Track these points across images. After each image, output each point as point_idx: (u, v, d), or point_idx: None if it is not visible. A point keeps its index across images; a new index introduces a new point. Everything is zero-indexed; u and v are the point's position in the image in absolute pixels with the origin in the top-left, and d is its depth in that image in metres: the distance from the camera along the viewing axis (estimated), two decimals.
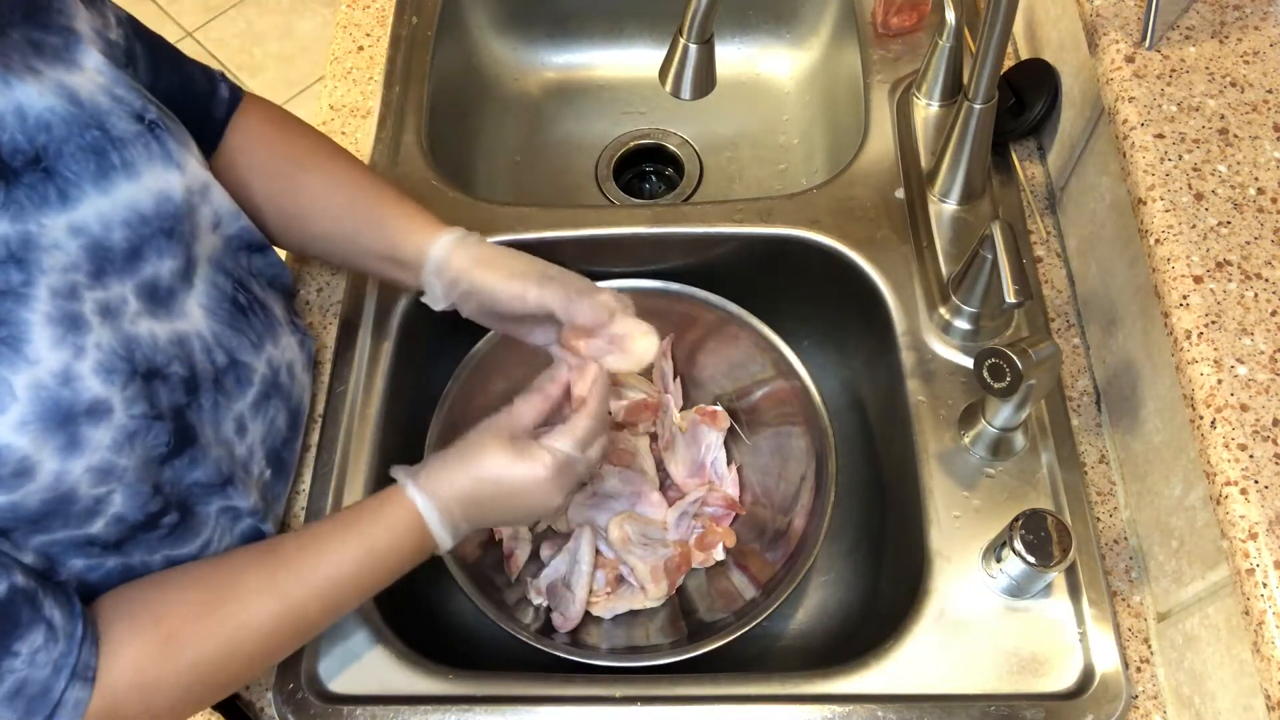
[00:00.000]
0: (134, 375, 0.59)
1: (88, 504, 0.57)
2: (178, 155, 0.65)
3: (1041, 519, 0.69)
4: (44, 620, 0.56)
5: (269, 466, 0.76)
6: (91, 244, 0.59)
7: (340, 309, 0.90)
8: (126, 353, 0.59)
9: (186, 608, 0.63)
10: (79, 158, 0.59)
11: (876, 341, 0.89)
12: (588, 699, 0.72)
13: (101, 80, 0.62)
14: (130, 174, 0.61)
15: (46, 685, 0.55)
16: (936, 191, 0.89)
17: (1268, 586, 0.54)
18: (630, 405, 0.96)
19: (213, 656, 0.62)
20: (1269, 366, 0.60)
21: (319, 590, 0.66)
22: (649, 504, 0.91)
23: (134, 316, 0.61)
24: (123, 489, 0.59)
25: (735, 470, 0.94)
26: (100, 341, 0.57)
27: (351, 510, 0.69)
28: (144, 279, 0.62)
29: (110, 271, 0.60)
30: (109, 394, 0.57)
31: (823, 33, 1.18)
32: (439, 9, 1.09)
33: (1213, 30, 0.73)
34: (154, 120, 0.64)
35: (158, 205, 0.63)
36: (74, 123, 0.59)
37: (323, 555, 0.66)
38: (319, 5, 2.46)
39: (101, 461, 0.57)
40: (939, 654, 0.72)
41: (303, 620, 0.66)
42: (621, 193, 1.17)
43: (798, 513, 0.85)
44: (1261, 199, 0.66)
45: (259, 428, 0.74)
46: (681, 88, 0.74)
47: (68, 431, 0.55)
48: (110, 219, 0.60)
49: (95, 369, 0.56)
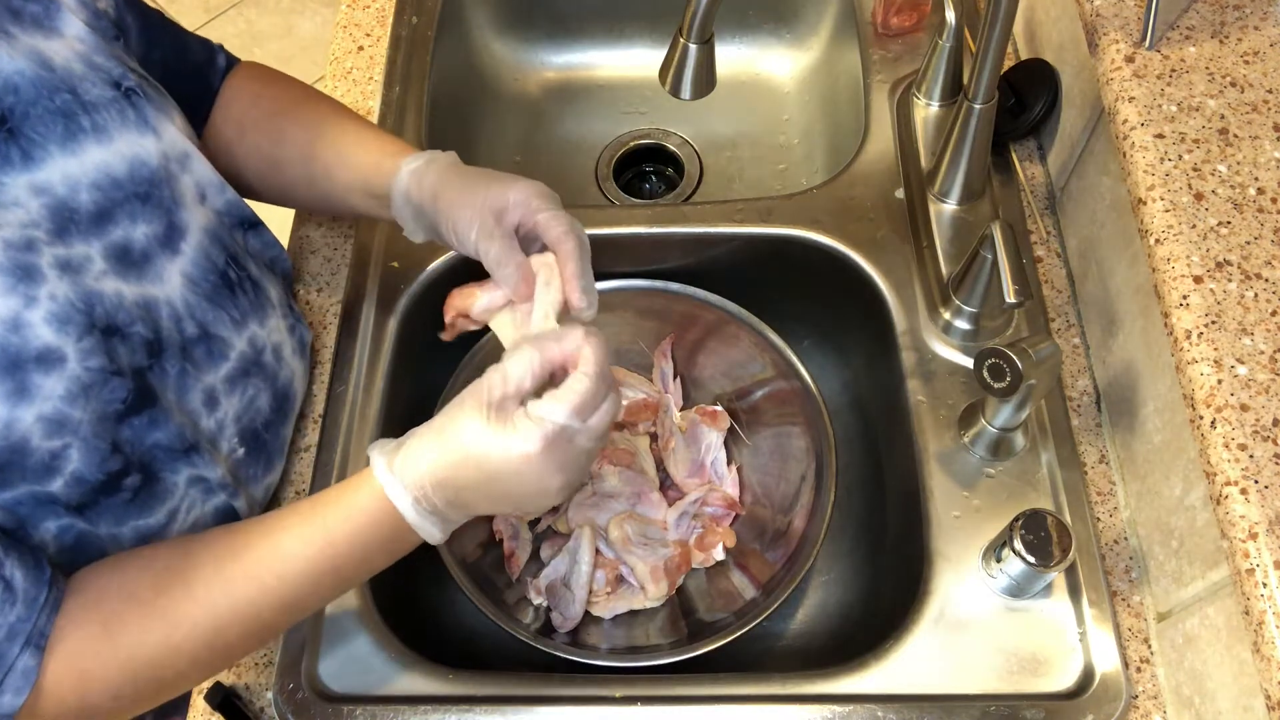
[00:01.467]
0: (91, 329, 0.59)
1: (43, 457, 0.57)
2: (154, 122, 0.66)
3: (1041, 519, 0.69)
4: (1, 580, 0.55)
5: (242, 445, 0.73)
6: (56, 203, 0.59)
7: (340, 307, 0.90)
8: (85, 307, 0.59)
9: (129, 592, 0.59)
10: (45, 120, 0.59)
11: (876, 341, 0.89)
12: (588, 699, 0.72)
13: (80, 48, 0.63)
14: (101, 138, 0.62)
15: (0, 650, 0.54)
16: (936, 191, 0.89)
17: (1268, 586, 0.54)
18: (630, 405, 0.96)
19: (153, 650, 0.58)
20: (1269, 366, 0.60)
21: (270, 588, 0.60)
22: (649, 504, 0.91)
23: (99, 275, 0.61)
24: (79, 443, 0.58)
25: (735, 470, 0.94)
26: (55, 293, 0.57)
27: (319, 495, 0.62)
28: (113, 240, 0.62)
29: (74, 231, 0.60)
30: (61, 344, 0.57)
31: (823, 33, 1.18)
32: (439, 9, 1.09)
33: (1213, 30, 0.73)
34: (131, 87, 0.65)
35: (131, 170, 0.63)
36: (43, 86, 0.60)
37: (278, 546, 0.60)
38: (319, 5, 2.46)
39: (54, 411, 0.57)
40: (939, 654, 0.72)
41: (253, 617, 0.60)
42: (621, 193, 1.17)
43: (798, 513, 0.85)
44: (1261, 199, 0.66)
45: (234, 403, 0.72)
46: (681, 88, 0.74)
47: (15, 378, 0.55)
48: (78, 181, 0.60)
49: (47, 318, 0.56)
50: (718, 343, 0.93)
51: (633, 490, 0.91)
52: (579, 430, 0.58)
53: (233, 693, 0.72)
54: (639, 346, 0.98)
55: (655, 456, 0.95)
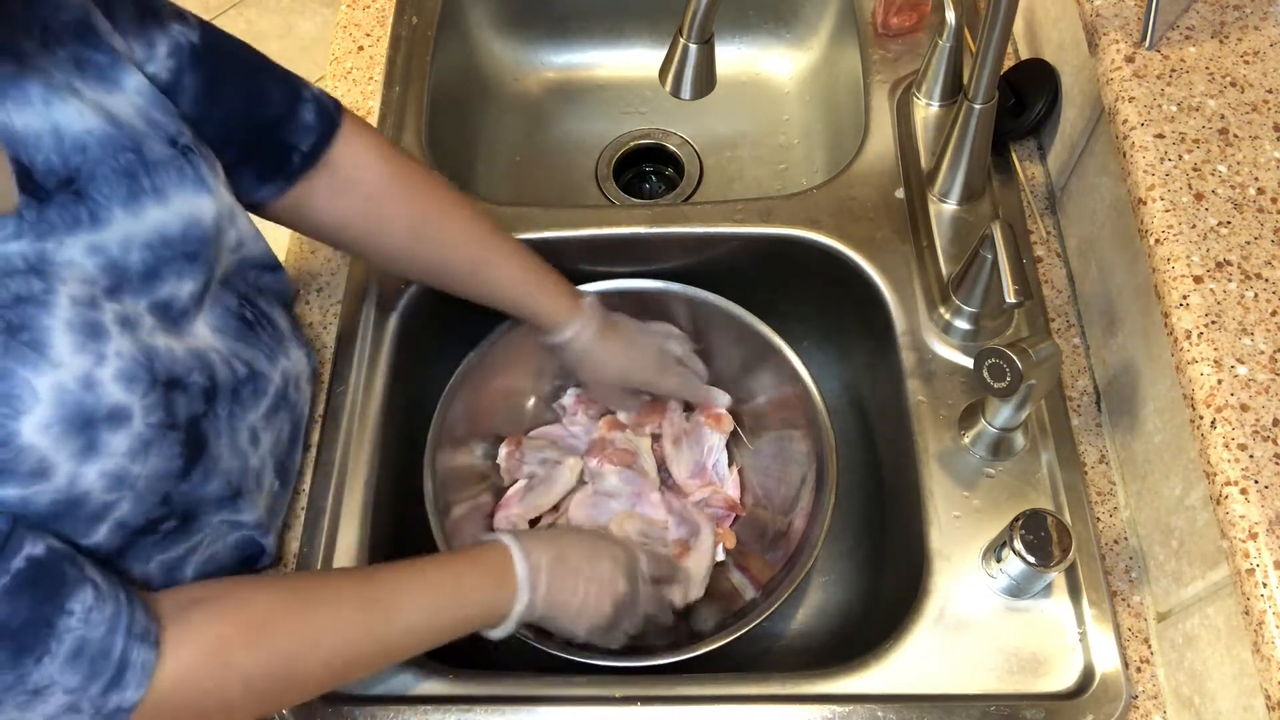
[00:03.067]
0: (155, 384, 0.59)
1: (95, 509, 0.57)
2: (209, 180, 0.65)
3: (1041, 519, 0.69)
4: (89, 580, 0.55)
5: (278, 479, 0.76)
6: (108, 263, 0.58)
7: (340, 309, 0.90)
8: (147, 361, 0.59)
9: (277, 602, 0.63)
10: (111, 180, 0.59)
11: (876, 341, 0.89)
12: (588, 699, 0.72)
13: (139, 102, 0.62)
14: (160, 198, 0.61)
15: (106, 645, 0.55)
16: (936, 191, 0.89)
17: (1268, 586, 0.54)
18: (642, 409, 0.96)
19: (297, 652, 0.62)
20: (1269, 366, 0.60)
21: (407, 614, 0.67)
22: (649, 504, 0.91)
23: (150, 330, 0.61)
24: (132, 496, 0.59)
25: (737, 472, 0.94)
26: (120, 350, 0.57)
27: (444, 554, 0.74)
28: (159, 298, 0.62)
29: (126, 289, 0.60)
30: (129, 401, 0.57)
31: (823, 33, 1.18)
32: (439, 9, 1.09)
33: (1213, 30, 0.73)
34: (188, 145, 0.64)
35: (185, 230, 0.63)
36: (109, 145, 0.59)
37: (416, 580, 0.68)
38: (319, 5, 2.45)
39: (117, 468, 0.57)
40: (939, 654, 0.72)
41: (384, 641, 0.66)
42: (621, 193, 1.17)
43: (798, 514, 0.85)
44: (1261, 199, 0.66)
45: (269, 439, 0.74)
46: (681, 88, 0.74)
47: (87, 435, 0.55)
48: (132, 240, 0.60)
49: (116, 376, 0.56)
50: (721, 345, 0.93)
51: (633, 490, 0.91)
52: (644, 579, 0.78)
53: None
54: None
55: (657, 457, 0.95)
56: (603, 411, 0.97)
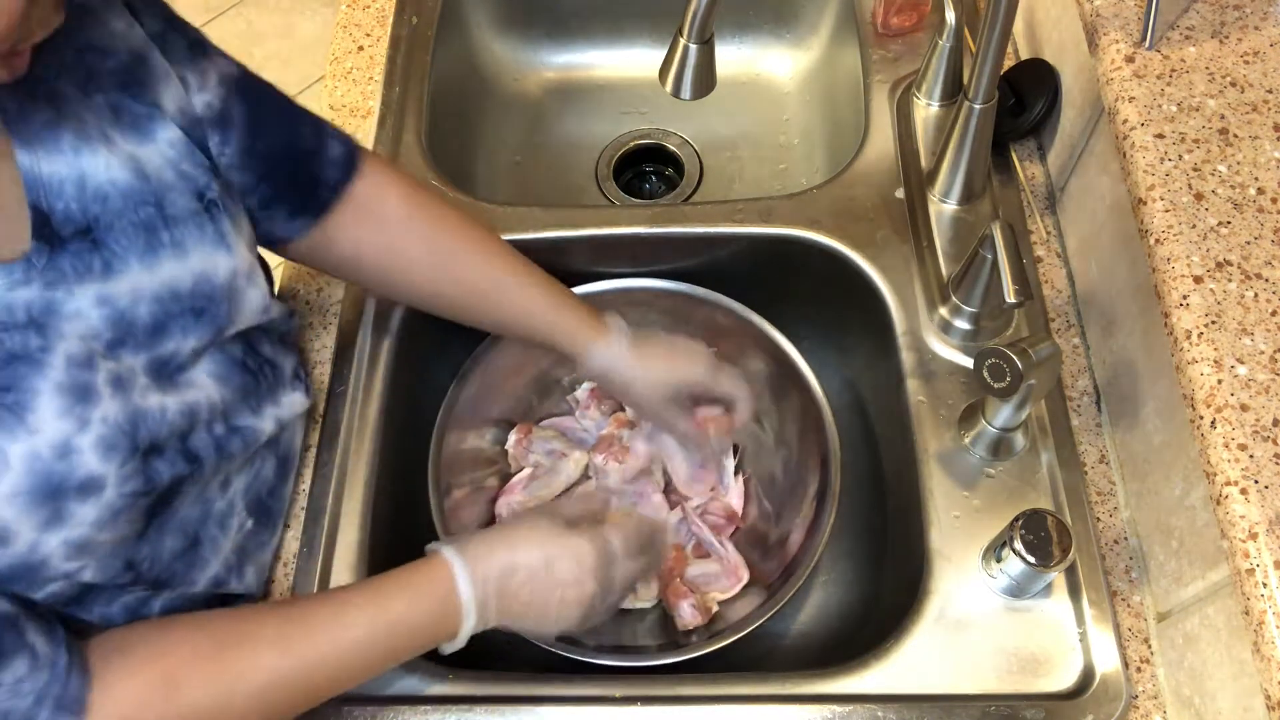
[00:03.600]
0: (134, 451, 0.58)
1: (55, 574, 0.56)
2: (230, 238, 0.64)
3: (1041, 519, 0.69)
4: (26, 647, 0.54)
5: (250, 516, 0.74)
6: (115, 315, 0.58)
7: (340, 309, 0.90)
8: (131, 427, 0.58)
9: (189, 650, 0.60)
10: (129, 233, 0.58)
11: (876, 341, 0.89)
12: (588, 699, 0.72)
13: (171, 154, 0.61)
14: (178, 253, 0.60)
15: (28, 716, 0.53)
16: (936, 191, 0.89)
17: (1268, 586, 0.54)
18: None
19: (213, 705, 0.59)
20: (1269, 366, 0.60)
21: (328, 654, 0.63)
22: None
23: (143, 389, 0.60)
24: (95, 563, 0.58)
25: (742, 481, 0.94)
26: (107, 415, 0.56)
27: (378, 577, 0.67)
28: (160, 354, 0.61)
29: (129, 344, 0.59)
30: (105, 471, 0.56)
31: (823, 33, 1.18)
32: (439, 9, 1.09)
33: (1213, 30, 0.73)
34: (213, 200, 0.63)
35: (195, 285, 0.62)
36: (132, 197, 0.58)
37: (340, 617, 0.64)
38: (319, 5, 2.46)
39: (81, 537, 0.55)
40: (939, 654, 0.72)
41: (307, 683, 0.63)
42: (621, 193, 1.17)
43: (798, 524, 0.85)
44: (1261, 199, 0.66)
45: (243, 479, 0.72)
46: (681, 88, 0.74)
47: (54, 505, 0.53)
48: (141, 293, 0.59)
49: (95, 444, 0.55)
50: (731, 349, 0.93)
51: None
52: (619, 562, 0.71)
53: None
54: None
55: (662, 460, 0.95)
56: (614, 408, 0.97)
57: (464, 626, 0.66)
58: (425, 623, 0.65)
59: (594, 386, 0.98)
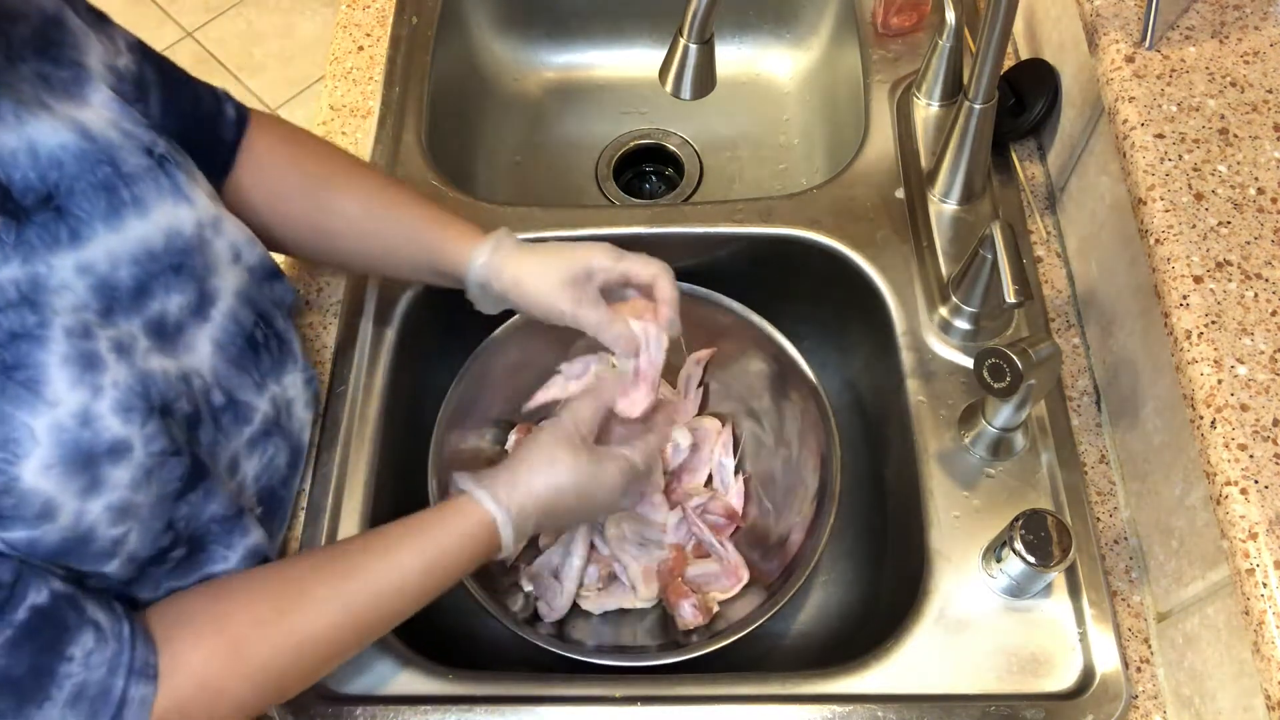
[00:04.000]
0: (151, 412, 0.59)
1: (105, 545, 0.57)
2: (188, 189, 0.64)
3: (1041, 519, 0.69)
4: (90, 622, 0.56)
5: (260, 504, 0.75)
6: (99, 283, 0.58)
7: (340, 308, 0.90)
8: (143, 389, 0.58)
9: (252, 615, 0.62)
10: (90, 195, 0.58)
11: (876, 341, 0.89)
12: (588, 699, 0.72)
13: (109, 115, 0.61)
14: (140, 210, 0.61)
15: (105, 685, 0.55)
16: (936, 191, 0.89)
17: (1268, 586, 0.54)
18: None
19: (279, 664, 0.62)
20: (1269, 366, 0.60)
21: (384, 597, 0.66)
22: (650, 505, 0.91)
23: (145, 353, 0.60)
24: (138, 526, 0.59)
25: (742, 480, 0.94)
26: (117, 379, 0.57)
27: (417, 519, 0.68)
28: (151, 316, 0.62)
29: (118, 310, 0.59)
30: (129, 433, 0.57)
31: (823, 33, 1.18)
32: (439, 9, 1.09)
33: (1213, 30, 0.73)
34: (163, 154, 0.64)
35: (167, 241, 0.62)
36: (86, 159, 0.58)
37: (389, 563, 0.66)
38: (319, 5, 2.46)
39: (120, 500, 0.56)
40: (939, 654, 0.72)
41: (366, 626, 0.66)
42: (621, 193, 1.17)
43: (797, 525, 0.85)
44: (1261, 199, 0.66)
45: (253, 464, 0.73)
46: (681, 88, 0.74)
47: (90, 473, 0.55)
48: (119, 256, 0.59)
49: (114, 408, 0.56)
50: (730, 348, 0.93)
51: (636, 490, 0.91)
52: (644, 473, 0.74)
53: None
54: None
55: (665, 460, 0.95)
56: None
57: (506, 553, 0.70)
58: (468, 559, 0.68)
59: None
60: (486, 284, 0.76)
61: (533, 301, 0.75)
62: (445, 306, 0.86)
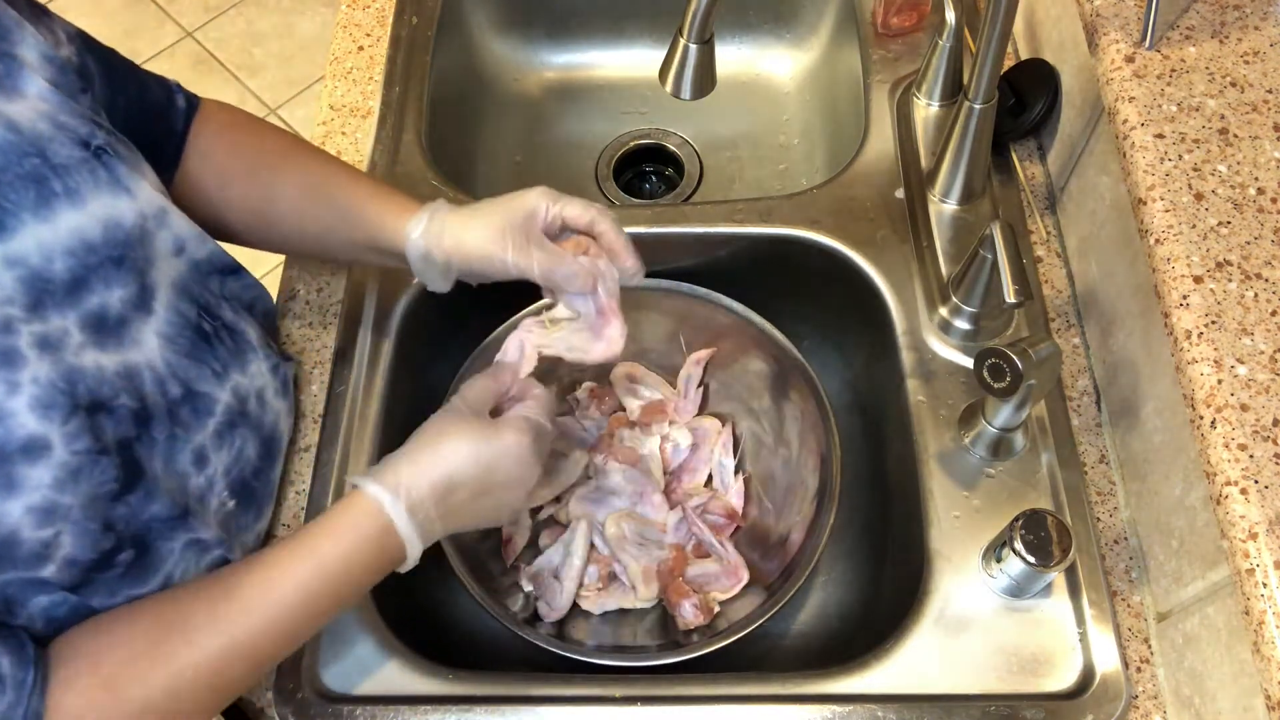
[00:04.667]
0: (75, 409, 0.57)
1: (34, 547, 0.55)
2: (128, 181, 0.63)
3: (1041, 519, 0.69)
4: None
5: (233, 497, 0.72)
6: (29, 275, 0.56)
7: (340, 309, 0.90)
8: (68, 386, 0.56)
9: (125, 651, 0.59)
10: (17, 186, 0.57)
11: (876, 341, 0.89)
12: (588, 699, 0.72)
13: (44, 108, 0.60)
14: (74, 201, 0.59)
15: None
16: (936, 191, 0.89)
17: (1268, 586, 0.54)
18: (646, 406, 0.96)
19: (157, 699, 0.58)
20: (1269, 366, 0.60)
21: (267, 620, 0.61)
22: (650, 505, 0.91)
23: (77, 349, 0.58)
24: (70, 528, 0.57)
25: (742, 480, 0.94)
26: (38, 375, 0.55)
27: (305, 527, 0.64)
28: (89, 310, 0.60)
29: (50, 304, 0.57)
30: (46, 430, 0.55)
31: (823, 33, 1.18)
32: (439, 9, 1.09)
33: (1213, 30, 0.73)
34: (101, 146, 0.62)
35: (106, 232, 0.61)
36: (11, 151, 0.57)
37: (271, 582, 0.62)
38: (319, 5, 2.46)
39: (43, 500, 0.55)
40: (939, 654, 0.72)
41: (254, 653, 0.62)
42: (621, 193, 1.17)
43: (797, 525, 0.85)
44: (1261, 199, 0.66)
45: (223, 458, 0.71)
46: (681, 88, 0.74)
47: (2, 472, 0.53)
48: (52, 248, 0.58)
49: (30, 404, 0.54)
50: (730, 348, 0.93)
51: (635, 490, 0.91)
52: (547, 429, 0.70)
53: None
54: (659, 347, 0.98)
55: (665, 460, 0.95)
56: (614, 408, 0.97)
57: (409, 555, 0.65)
58: (367, 564, 0.64)
59: (594, 386, 0.98)
60: (428, 254, 0.74)
61: (476, 259, 0.72)
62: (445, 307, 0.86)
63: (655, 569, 0.88)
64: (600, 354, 0.75)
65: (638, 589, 0.87)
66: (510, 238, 0.71)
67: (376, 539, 0.63)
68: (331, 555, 0.63)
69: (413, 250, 0.74)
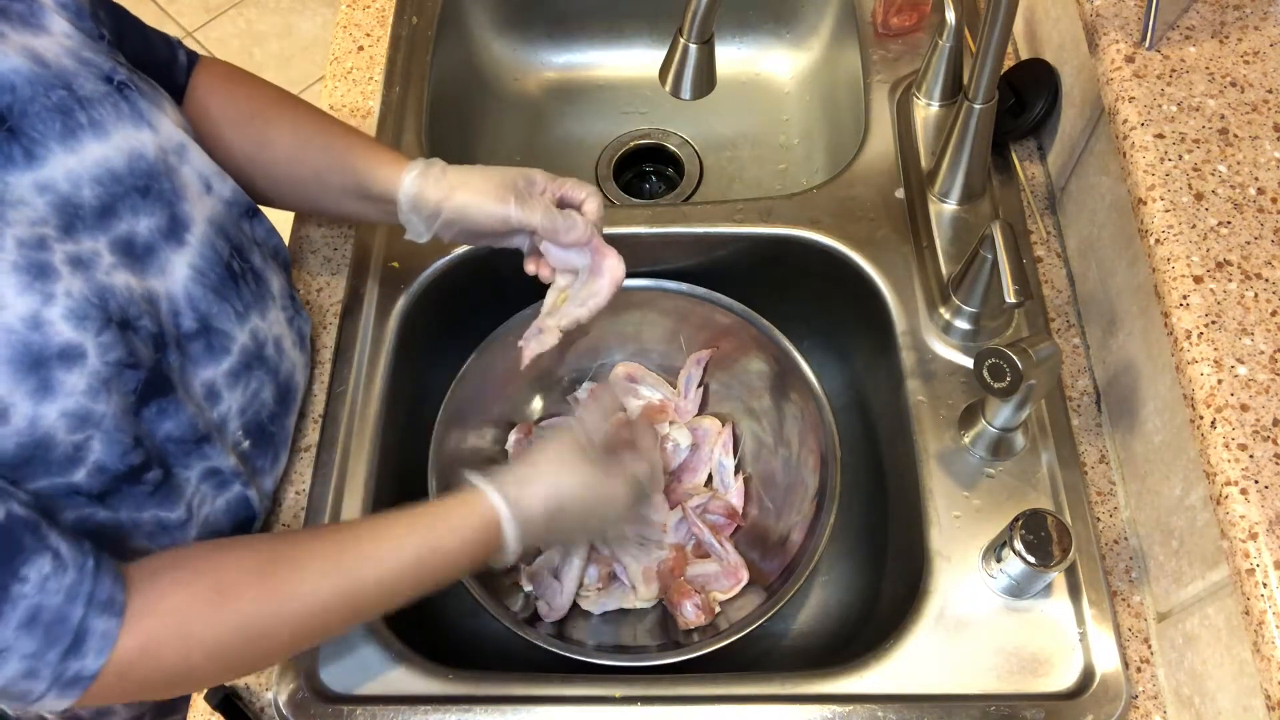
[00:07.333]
0: (109, 323, 0.60)
1: (66, 450, 0.58)
2: (148, 115, 0.66)
3: (1041, 519, 0.69)
4: (49, 549, 0.56)
5: (247, 437, 0.75)
6: (60, 201, 0.59)
7: (340, 309, 0.90)
8: (100, 301, 0.59)
9: (242, 568, 0.62)
10: (44, 117, 0.60)
11: (876, 341, 0.89)
12: (588, 699, 0.72)
13: (69, 44, 0.63)
14: (98, 133, 0.62)
15: (63, 613, 0.55)
16: (936, 191, 0.89)
17: (1268, 586, 0.54)
18: (647, 406, 0.96)
19: (262, 618, 0.61)
20: (1269, 366, 0.60)
21: (377, 577, 0.65)
22: (650, 505, 0.91)
23: (109, 269, 0.61)
24: (101, 435, 0.59)
25: (742, 480, 0.94)
26: (71, 289, 0.58)
27: (422, 507, 0.68)
28: (118, 234, 0.63)
29: (81, 227, 0.60)
30: (81, 339, 0.58)
31: (823, 33, 1.18)
32: (439, 9, 1.09)
33: (1213, 30, 0.73)
34: (123, 81, 0.65)
35: (130, 164, 0.64)
36: (39, 83, 0.60)
37: (388, 545, 0.66)
38: (319, 5, 2.46)
39: (77, 406, 0.57)
40: (939, 654, 0.72)
41: (357, 603, 0.65)
42: (622, 193, 1.17)
43: (798, 525, 0.85)
44: (1261, 199, 0.66)
45: (237, 397, 0.73)
46: (681, 88, 0.74)
47: (39, 375, 0.56)
48: (79, 177, 0.61)
49: (65, 315, 0.57)
50: (730, 348, 0.93)
51: None
52: (646, 490, 0.77)
53: (233, 693, 0.72)
54: (660, 347, 0.98)
55: (665, 460, 0.95)
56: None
57: (506, 559, 0.70)
58: (469, 555, 0.68)
59: (594, 386, 0.98)
60: (419, 198, 0.76)
61: (470, 209, 0.75)
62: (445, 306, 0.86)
63: (655, 569, 0.88)
64: (608, 287, 0.78)
65: (638, 589, 0.87)
66: (514, 192, 0.75)
67: (485, 540, 0.68)
68: (446, 545, 0.67)
69: (404, 194, 0.76)
